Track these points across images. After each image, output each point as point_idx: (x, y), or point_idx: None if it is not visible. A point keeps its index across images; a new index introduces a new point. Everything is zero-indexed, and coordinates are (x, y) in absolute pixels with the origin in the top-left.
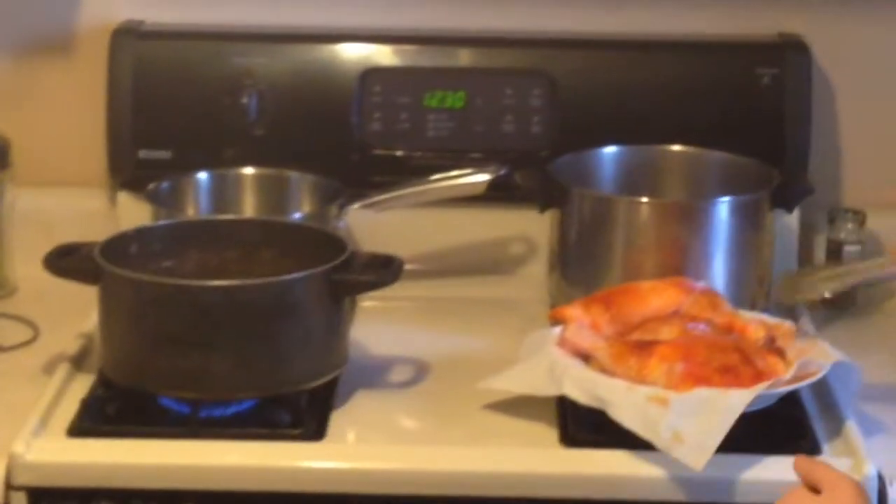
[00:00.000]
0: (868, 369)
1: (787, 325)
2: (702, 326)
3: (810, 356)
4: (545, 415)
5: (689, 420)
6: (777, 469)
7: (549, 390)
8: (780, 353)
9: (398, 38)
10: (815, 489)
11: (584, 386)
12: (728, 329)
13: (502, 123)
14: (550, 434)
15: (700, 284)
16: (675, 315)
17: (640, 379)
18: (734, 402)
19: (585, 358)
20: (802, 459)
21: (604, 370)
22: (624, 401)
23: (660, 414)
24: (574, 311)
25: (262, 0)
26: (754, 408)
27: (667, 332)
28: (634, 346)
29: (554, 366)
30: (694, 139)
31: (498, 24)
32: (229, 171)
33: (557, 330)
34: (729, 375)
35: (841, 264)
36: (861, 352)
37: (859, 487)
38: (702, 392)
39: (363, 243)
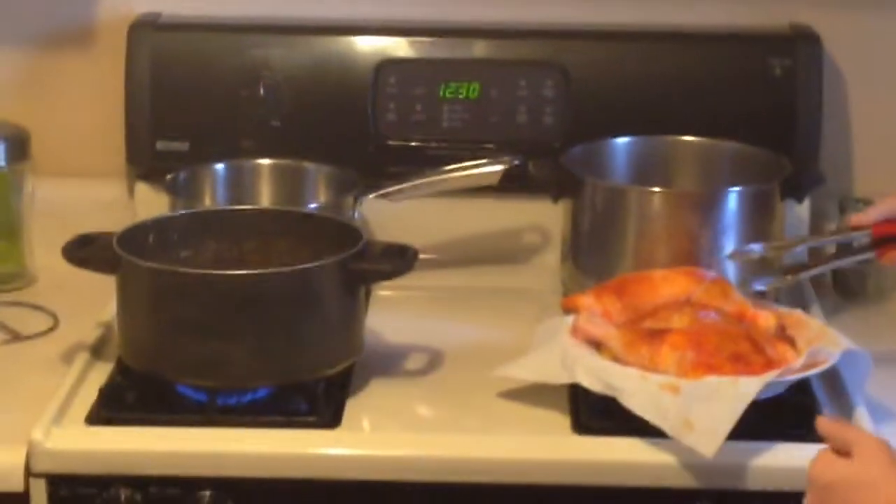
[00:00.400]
0: (878, 357)
1: (797, 313)
2: (713, 315)
3: (820, 344)
4: (558, 402)
5: (701, 407)
6: (787, 456)
7: (562, 378)
8: (791, 341)
9: (413, 30)
10: (841, 451)
11: (596, 374)
12: (739, 318)
13: (516, 114)
14: (563, 421)
15: (711, 273)
16: (686, 303)
17: (651, 367)
18: (745, 389)
19: (597, 346)
20: (826, 421)
21: (616, 358)
22: (636, 389)
23: (671, 402)
24: (586, 300)
25: None
26: (765, 395)
27: (678, 321)
28: (646, 334)
29: (566, 354)
30: (706, 130)
31: (512, 16)
32: (246, 162)
33: (570, 318)
34: (739, 363)
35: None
36: (871, 340)
37: (886, 445)
38: (713, 380)
39: (378, 233)
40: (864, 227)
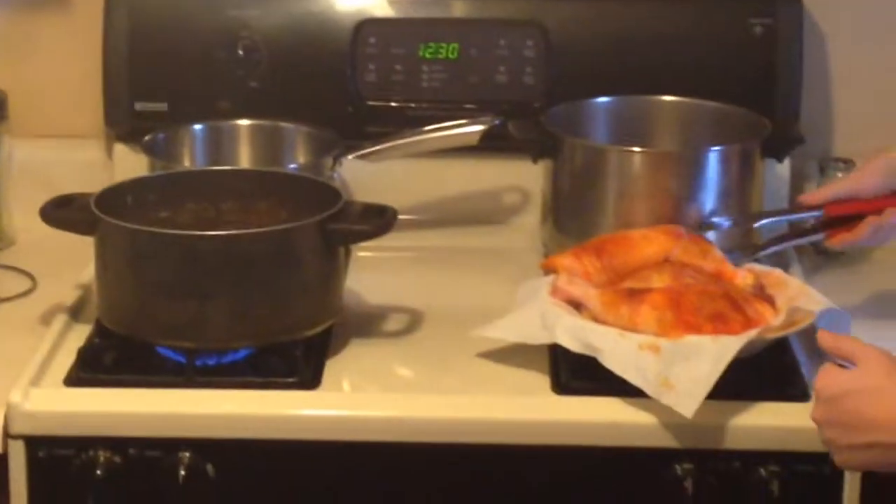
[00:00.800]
0: (857, 316)
1: (777, 272)
2: (692, 274)
3: (800, 303)
4: (538, 363)
5: (680, 367)
6: (767, 415)
7: (542, 338)
8: (770, 300)
9: None
10: (845, 364)
11: (576, 334)
12: (717, 276)
13: (496, 74)
14: (543, 382)
15: (689, 230)
16: (665, 263)
17: (631, 327)
18: (725, 348)
19: (577, 306)
20: (826, 335)
21: (595, 319)
22: (616, 348)
23: (651, 361)
24: (566, 261)
25: None
26: (744, 354)
27: (657, 280)
28: (625, 294)
29: (546, 314)
30: (686, 89)
31: None
32: (225, 123)
33: (550, 278)
34: (719, 322)
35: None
36: (850, 299)
37: (887, 354)
38: (693, 339)
39: (358, 194)
40: (814, 207)
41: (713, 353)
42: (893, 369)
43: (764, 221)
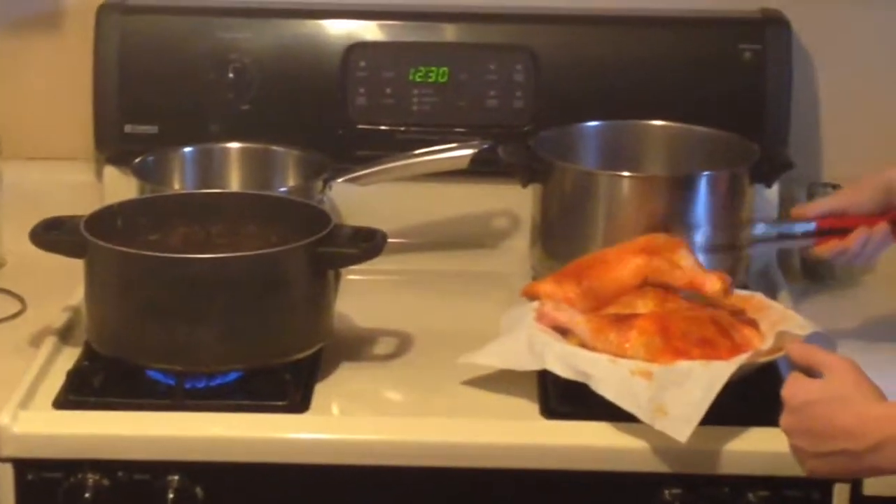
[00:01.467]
0: (845, 341)
1: (758, 297)
2: (675, 298)
3: (784, 327)
4: (526, 387)
5: (673, 392)
6: (756, 440)
7: (531, 365)
8: (754, 324)
9: (383, 13)
10: (812, 373)
11: (566, 360)
12: (689, 286)
13: (486, 98)
14: (531, 406)
15: (662, 237)
16: (648, 288)
17: (620, 353)
18: (717, 374)
19: (563, 332)
20: (796, 346)
21: (583, 345)
22: (607, 375)
23: (643, 387)
24: (546, 287)
25: None
26: (733, 379)
27: (642, 306)
28: (613, 320)
29: (534, 341)
30: (675, 114)
31: (481, 0)
32: (215, 146)
33: (533, 305)
34: (707, 347)
35: None
36: (838, 324)
37: (854, 365)
38: (684, 364)
39: (348, 217)
40: (807, 219)
41: (705, 378)
42: (860, 378)
43: (758, 227)
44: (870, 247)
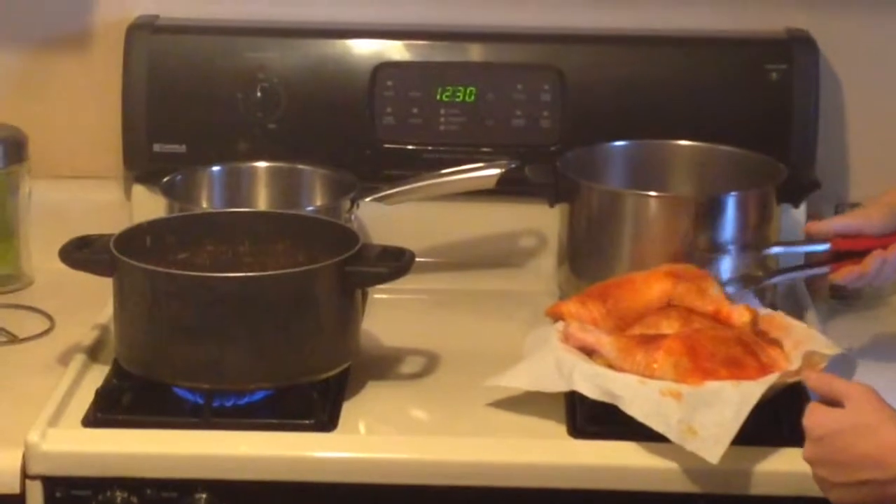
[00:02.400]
0: (872, 362)
1: (779, 316)
2: (699, 319)
3: (808, 347)
4: (554, 406)
5: (703, 413)
6: (784, 460)
7: (558, 386)
8: (778, 344)
9: (410, 33)
10: (833, 402)
11: (594, 381)
12: (715, 316)
13: (513, 118)
14: (559, 425)
15: (689, 267)
16: (671, 308)
17: (648, 373)
18: (747, 394)
19: (589, 353)
20: (814, 375)
21: (610, 365)
22: (637, 395)
23: (674, 407)
24: (571, 307)
25: None
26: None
27: (667, 326)
28: (640, 340)
29: (561, 362)
30: (702, 134)
31: (508, 19)
32: (243, 165)
33: (558, 326)
34: (734, 368)
35: None
36: (865, 344)
37: (873, 392)
38: (714, 385)
39: (375, 236)
40: (822, 237)
41: (736, 399)
42: (880, 406)
43: (774, 250)
44: (887, 269)
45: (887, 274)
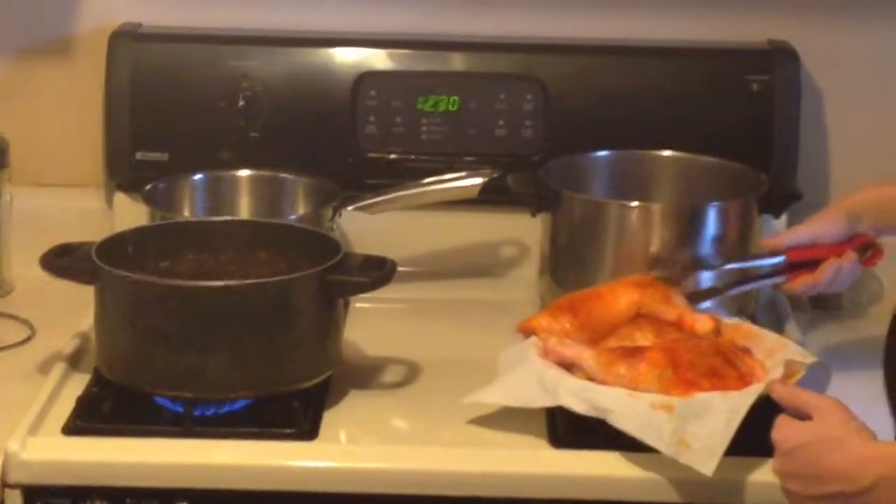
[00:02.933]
0: (851, 372)
1: (746, 325)
2: (671, 329)
3: (784, 356)
4: (534, 416)
5: (694, 425)
6: (765, 470)
7: (543, 402)
8: (748, 352)
9: (393, 42)
10: (802, 415)
11: (581, 396)
12: (678, 324)
13: (495, 128)
14: (540, 435)
15: (653, 275)
16: (642, 319)
17: (632, 385)
18: (736, 404)
19: (568, 367)
20: (782, 388)
21: (590, 378)
22: (627, 409)
23: (665, 420)
24: (543, 322)
25: (258, 4)
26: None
27: (641, 337)
28: (622, 353)
29: (543, 377)
30: (684, 144)
31: (490, 29)
32: (225, 173)
33: (531, 341)
34: (715, 378)
35: None
36: (845, 354)
37: (841, 405)
38: (703, 396)
39: (357, 245)
40: (776, 251)
41: (725, 409)
42: (848, 419)
43: (729, 266)
44: (841, 276)
45: (842, 281)
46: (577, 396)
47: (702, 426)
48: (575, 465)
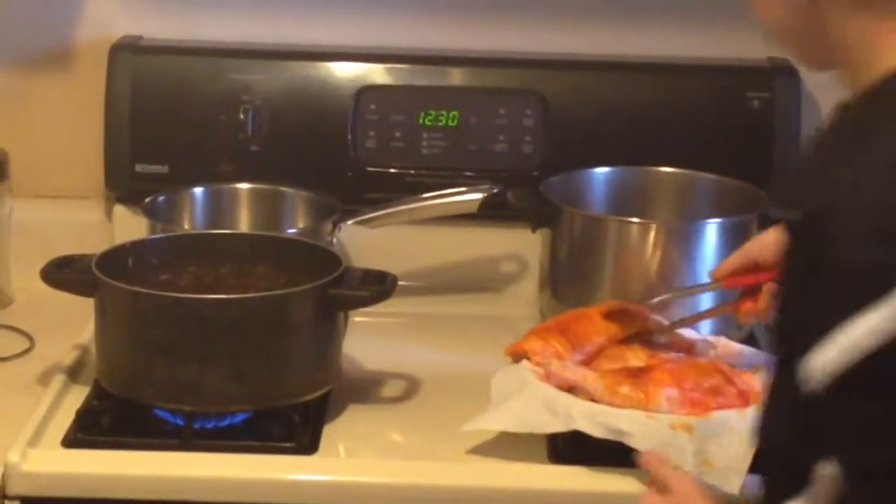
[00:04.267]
0: None
1: (723, 340)
2: (662, 347)
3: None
4: None
5: (714, 443)
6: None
7: (553, 426)
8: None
9: (393, 57)
10: (660, 488)
11: (595, 419)
12: (670, 344)
13: (495, 143)
14: (539, 450)
15: (631, 306)
16: (632, 342)
17: (640, 406)
18: (754, 420)
19: (569, 390)
20: (650, 456)
21: (593, 400)
22: (646, 431)
23: (686, 440)
24: (533, 344)
25: (259, 17)
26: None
27: (633, 357)
28: (627, 374)
29: (551, 401)
30: (684, 161)
31: (491, 44)
32: (225, 186)
33: (523, 365)
34: (718, 396)
35: None
36: None
37: (700, 488)
38: (720, 415)
39: (357, 259)
40: (718, 279)
41: (743, 427)
42: (697, 499)
43: (667, 296)
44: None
45: None
46: (592, 420)
47: (723, 445)
48: (574, 480)
